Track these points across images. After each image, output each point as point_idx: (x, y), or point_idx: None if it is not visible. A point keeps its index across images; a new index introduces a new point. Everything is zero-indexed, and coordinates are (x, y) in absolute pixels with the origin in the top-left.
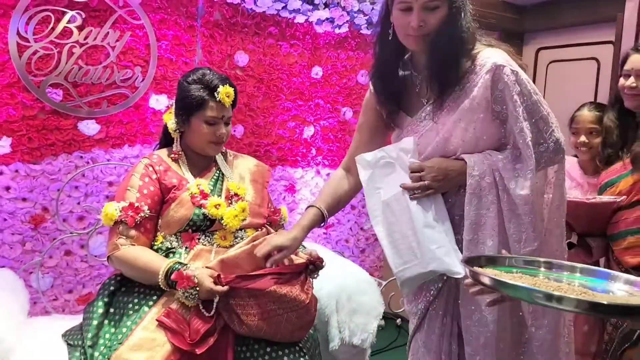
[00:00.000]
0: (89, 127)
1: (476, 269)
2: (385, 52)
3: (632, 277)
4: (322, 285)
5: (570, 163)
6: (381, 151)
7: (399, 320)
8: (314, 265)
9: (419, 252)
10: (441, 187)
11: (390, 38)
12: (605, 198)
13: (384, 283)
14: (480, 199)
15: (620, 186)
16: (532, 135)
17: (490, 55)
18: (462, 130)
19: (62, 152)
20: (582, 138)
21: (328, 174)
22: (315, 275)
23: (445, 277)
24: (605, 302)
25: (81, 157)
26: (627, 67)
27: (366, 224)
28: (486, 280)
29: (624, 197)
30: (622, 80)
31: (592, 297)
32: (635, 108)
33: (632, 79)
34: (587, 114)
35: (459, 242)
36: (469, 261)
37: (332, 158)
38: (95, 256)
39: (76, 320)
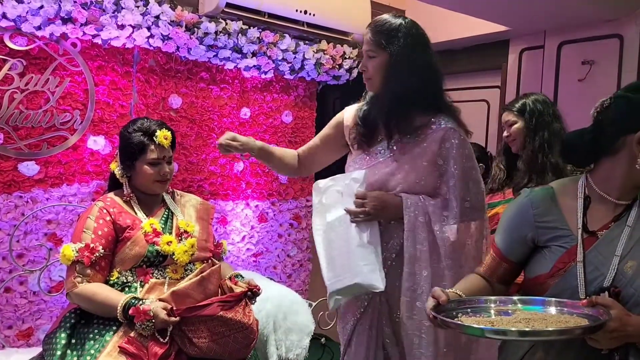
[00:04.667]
0: (29, 168)
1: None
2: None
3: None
4: (261, 308)
5: None
6: (332, 180)
7: (323, 339)
8: (252, 292)
9: (349, 267)
10: (378, 215)
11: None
12: None
13: (314, 304)
14: (415, 235)
15: (498, 209)
16: (461, 192)
17: (445, 119)
18: (405, 172)
19: (3, 193)
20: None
21: (257, 206)
22: (254, 301)
23: (370, 296)
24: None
25: (21, 196)
26: (502, 121)
27: (292, 251)
28: (452, 325)
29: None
30: (504, 133)
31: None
32: (517, 150)
33: (505, 131)
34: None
35: (385, 261)
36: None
37: (260, 191)
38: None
39: (31, 352)
